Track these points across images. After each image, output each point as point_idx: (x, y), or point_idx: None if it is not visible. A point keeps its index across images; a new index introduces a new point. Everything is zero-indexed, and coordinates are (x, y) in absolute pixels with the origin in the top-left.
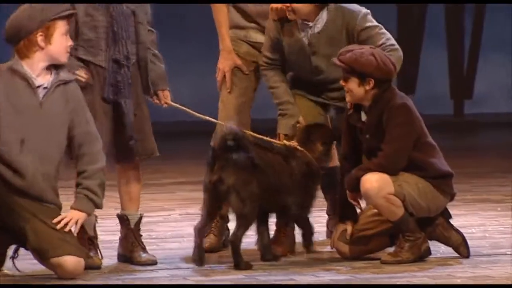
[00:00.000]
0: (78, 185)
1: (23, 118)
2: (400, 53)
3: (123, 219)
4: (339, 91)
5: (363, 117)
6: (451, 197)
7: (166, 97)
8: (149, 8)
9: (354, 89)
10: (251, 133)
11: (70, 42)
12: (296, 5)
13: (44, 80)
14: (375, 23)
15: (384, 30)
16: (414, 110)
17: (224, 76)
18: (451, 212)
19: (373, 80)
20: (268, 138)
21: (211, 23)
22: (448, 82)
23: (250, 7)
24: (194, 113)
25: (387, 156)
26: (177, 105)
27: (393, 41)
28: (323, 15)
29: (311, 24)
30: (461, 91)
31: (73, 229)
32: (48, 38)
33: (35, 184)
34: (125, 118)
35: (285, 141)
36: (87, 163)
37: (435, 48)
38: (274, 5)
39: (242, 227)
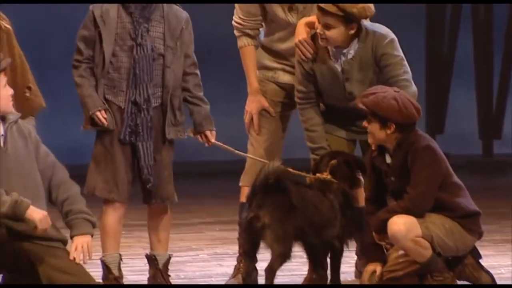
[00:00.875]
0: (68, 212)
1: None
2: (414, 88)
3: (151, 259)
4: None
5: (388, 159)
6: (479, 235)
7: (212, 137)
8: (191, 51)
9: (376, 132)
10: (290, 169)
11: (11, 91)
12: (330, 34)
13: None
14: (399, 52)
15: (405, 62)
16: (439, 151)
17: (252, 118)
18: (481, 253)
19: (394, 125)
20: (301, 173)
21: (238, 64)
22: (476, 121)
23: (281, 46)
24: (238, 152)
25: (413, 199)
26: (222, 145)
27: (409, 76)
28: (356, 41)
29: (344, 51)
30: (490, 131)
31: (85, 257)
32: None
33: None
34: (142, 161)
35: (318, 175)
36: (65, 191)
37: (464, 88)
38: (306, 20)
39: (276, 263)
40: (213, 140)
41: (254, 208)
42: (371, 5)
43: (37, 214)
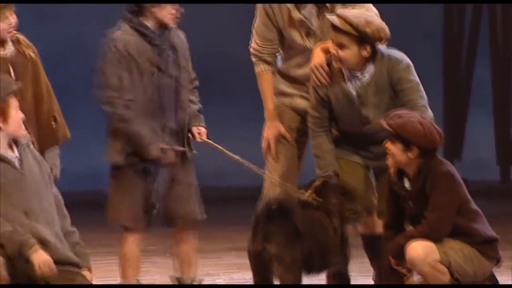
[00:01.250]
0: (75, 244)
1: (16, 193)
2: (430, 113)
3: (181, 282)
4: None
5: (406, 184)
6: (497, 261)
7: (202, 134)
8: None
9: (397, 154)
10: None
11: (21, 115)
12: (344, 55)
13: (12, 153)
14: (415, 77)
15: (421, 87)
16: (458, 177)
17: (269, 144)
18: (498, 279)
19: (417, 149)
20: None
21: (256, 89)
22: (494, 147)
23: (298, 71)
24: (230, 154)
25: (431, 224)
26: (212, 142)
27: (425, 101)
28: (371, 65)
29: (358, 74)
30: (507, 157)
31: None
32: (5, 119)
33: (58, 247)
34: (153, 183)
35: (302, 192)
36: (68, 224)
37: (481, 113)
38: (322, 45)
39: None
40: (203, 138)
41: (260, 239)
42: (386, 28)
43: (38, 258)
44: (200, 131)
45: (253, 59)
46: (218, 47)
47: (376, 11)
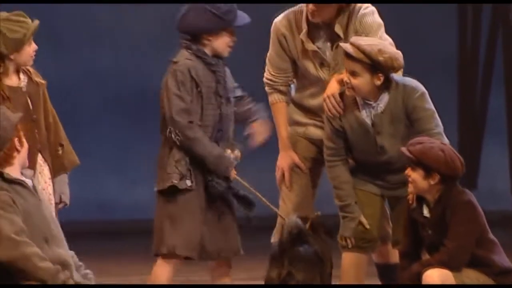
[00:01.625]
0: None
1: (37, 218)
2: (446, 142)
3: None
4: (400, 173)
5: (425, 211)
6: None
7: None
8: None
9: (418, 181)
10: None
11: (26, 145)
12: (356, 83)
13: (28, 181)
14: (431, 105)
15: (436, 115)
16: (478, 206)
17: (284, 174)
18: None
19: (438, 176)
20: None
21: (270, 119)
22: (509, 178)
23: (312, 102)
24: (258, 194)
25: (450, 252)
26: (243, 182)
27: (441, 129)
28: (385, 94)
29: (373, 103)
30: None
31: None
32: (21, 141)
33: (74, 270)
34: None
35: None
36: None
37: (496, 143)
38: (338, 77)
39: None
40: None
41: (286, 265)
42: (400, 57)
43: None
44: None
45: (267, 89)
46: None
47: (391, 40)
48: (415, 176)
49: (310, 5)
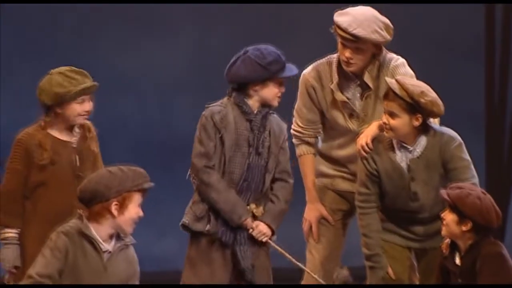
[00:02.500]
0: None
1: (90, 281)
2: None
3: None
4: (428, 225)
5: (457, 259)
6: None
7: (266, 234)
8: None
9: (451, 225)
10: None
11: (141, 213)
12: (395, 124)
13: (109, 245)
14: (467, 156)
15: (472, 167)
16: (509, 259)
17: (311, 226)
18: None
19: (471, 223)
20: None
21: (296, 171)
22: None
23: (340, 153)
24: (295, 261)
25: None
26: (278, 247)
27: (476, 181)
28: (422, 139)
29: (409, 147)
30: None
31: None
32: (122, 209)
33: None
34: (242, 265)
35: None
36: None
37: None
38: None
39: None
40: (266, 239)
41: None
42: (441, 104)
43: None
44: (264, 232)
45: (295, 141)
46: None
47: (412, 72)
48: (449, 219)
49: (347, 53)
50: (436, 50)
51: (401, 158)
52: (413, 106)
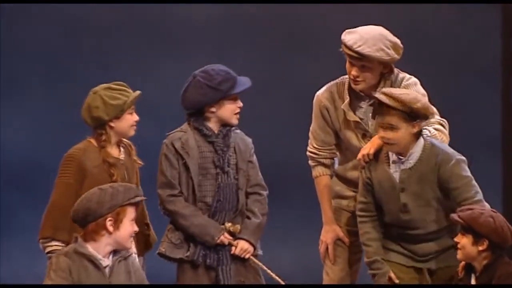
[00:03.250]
0: None
1: None
2: (488, 207)
3: None
4: (426, 243)
5: (473, 280)
6: None
7: (246, 251)
8: (256, 172)
9: (467, 247)
10: None
11: (136, 228)
12: (395, 136)
13: (108, 261)
14: (467, 172)
15: (474, 182)
16: None
17: (327, 248)
18: None
19: (487, 242)
20: None
21: (312, 193)
22: None
23: (355, 174)
24: (273, 274)
25: None
26: (259, 263)
27: (481, 196)
28: (416, 150)
29: (402, 158)
30: None
31: None
32: (117, 224)
33: None
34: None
35: None
36: None
37: None
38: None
39: None
40: (248, 255)
41: None
42: (431, 106)
43: None
44: (245, 249)
45: (310, 163)
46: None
47: (424, 91)
48: (464, 242)
49: (353, 72)
50: (452, 73)
51: (394, 169)
52: (409, 114)
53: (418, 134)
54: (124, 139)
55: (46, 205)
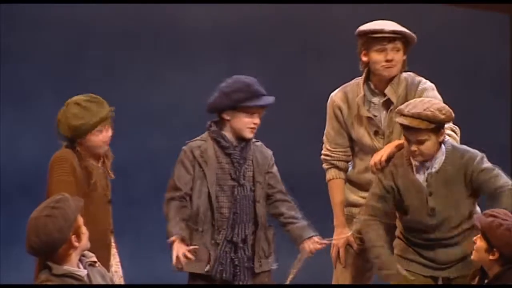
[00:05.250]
0: None
1: None
2: None
3: None
4: (451, 249)
5: None
6: None
7: (314, 243)
8: (278, 181)
9: (481, 251)
10: None
11: (84, 229)
12: (427, 147)
13: (83, 270)
14: (491, 165)
15: (502, 173)
16: None
17: (338, 251)
18: None
19: (498, 254)
20: None
21: (324, 202)
22: None
23: (367, 176)
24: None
25: None
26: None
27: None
28: (440, 154)
29: (427, 163)
30: None
31: None
32: (79, 236)
33: None
34: None
35: None
36: None
37: None
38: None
39: None
40: (321, 244)
41: None
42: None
43: None
44: (313, 241)
45: (324, 166)
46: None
47: (440, 97)
48: (479, 245)
49: (389, 56)
50: (461, 83)
51: (419, 174)
52: (437, 126)
53: (443, 139)
54: (103, 149)
55: None
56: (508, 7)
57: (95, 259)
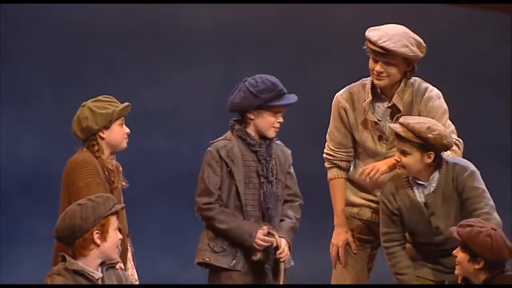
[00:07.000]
0: None
1: None
2: (496, 219)
3: None
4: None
5: None
6: None
7: (283, 247)
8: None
9: (464, 263)
10: None
11: (120, 236)
12: (406, 161)
13: (99, 273)
14: (480, 184)
15: (486, 194)
16: None
17: (338, 251)
18: None
19: (483, 261)
20: None
21: (325, 202)
22: None
23: (367, 179)
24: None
25: None
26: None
27: (490, 208)
28: (436, 174)
29: (425, 183)
30: None
31: None
32: (104, 235)
33: None
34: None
35: None
36: None
37: None
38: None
39: None
40: (285, 256)
41: None
42: (448, 135)
43: None
44: (280, 241)
45: (326, 164)
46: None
47: (453, 127)
48: (461, 257)
49: (377, 67)
50: (462, 83)
51: (418, 194)
52: (423, 144)
53: (437, 164)
54: (113, 161)
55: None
56: (508, 7)
57: (116, 260)
